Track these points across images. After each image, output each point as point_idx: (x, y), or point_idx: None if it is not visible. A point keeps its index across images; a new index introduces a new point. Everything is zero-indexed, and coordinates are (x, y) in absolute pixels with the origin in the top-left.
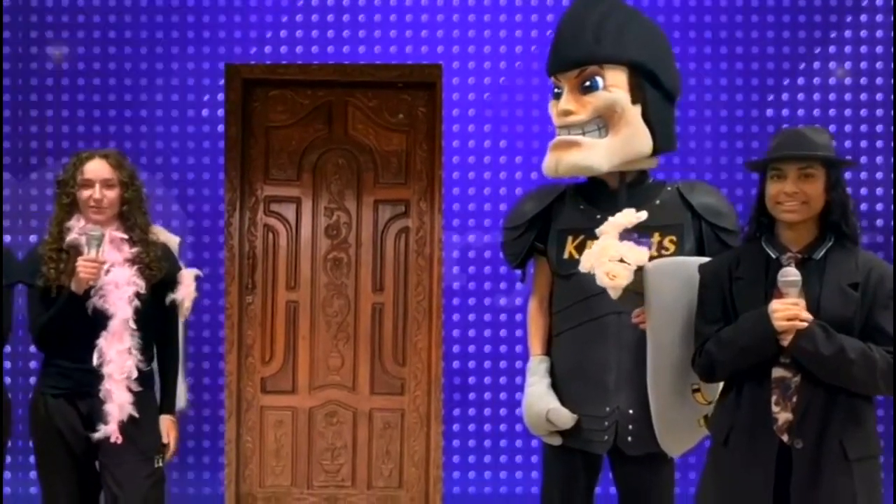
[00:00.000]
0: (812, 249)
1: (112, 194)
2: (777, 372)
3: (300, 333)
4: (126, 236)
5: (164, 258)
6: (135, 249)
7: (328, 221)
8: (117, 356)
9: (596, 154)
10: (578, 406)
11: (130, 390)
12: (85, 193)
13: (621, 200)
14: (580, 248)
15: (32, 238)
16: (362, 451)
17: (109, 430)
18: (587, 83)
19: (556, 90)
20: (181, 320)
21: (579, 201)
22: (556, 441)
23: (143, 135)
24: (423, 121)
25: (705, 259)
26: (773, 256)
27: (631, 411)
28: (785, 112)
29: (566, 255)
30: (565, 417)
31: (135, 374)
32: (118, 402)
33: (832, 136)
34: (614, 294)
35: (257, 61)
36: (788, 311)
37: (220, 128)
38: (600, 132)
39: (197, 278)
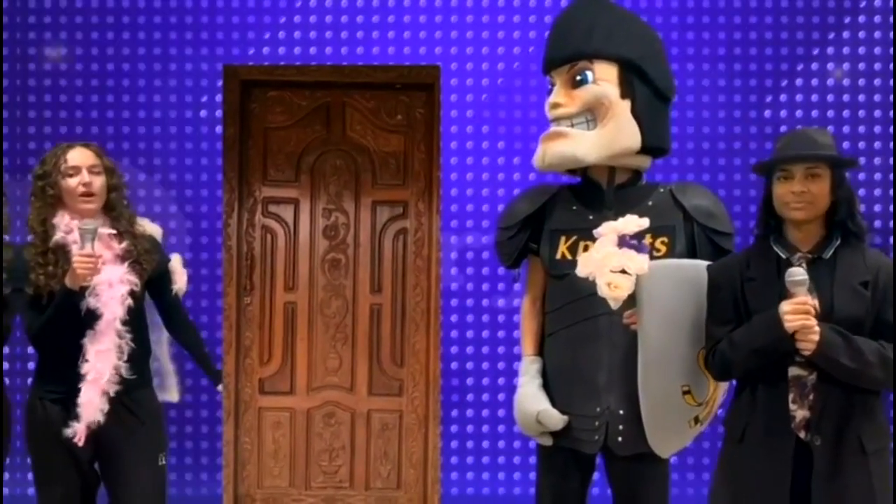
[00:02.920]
0: (821, 249)
1: (100, 181)
2: (793, 371)
3: (298, 334)
4: (114, 231)
5: (153, 251)
6: (124, 244)
7: (326, 222)
8: (95, 357)
9: (582, 145)
10: (569, 406)
11: (106, 393)
12: (72, 181)
13: (610, 200)
14: (573, 249)
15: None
16: (360, 452)
17: (76, 429)
18: (577, 77)
19: (550, 85)
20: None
21: (572, 202)
22: (548, 441)
23: (142, 136)
24: (421, 122)
25: (698, 262)
26: (784, 257)
27: (621, 411)
28: (783, 113)
29: (559, 256)
30: (555, 418)
31: (111, 377)
32: (88, 402)
33: (834, 137)
34: (615, 304)
35: (255, 62)
36: (798, 311)
37: (219, 129)
38: (588, 125)
39: (184, 263)
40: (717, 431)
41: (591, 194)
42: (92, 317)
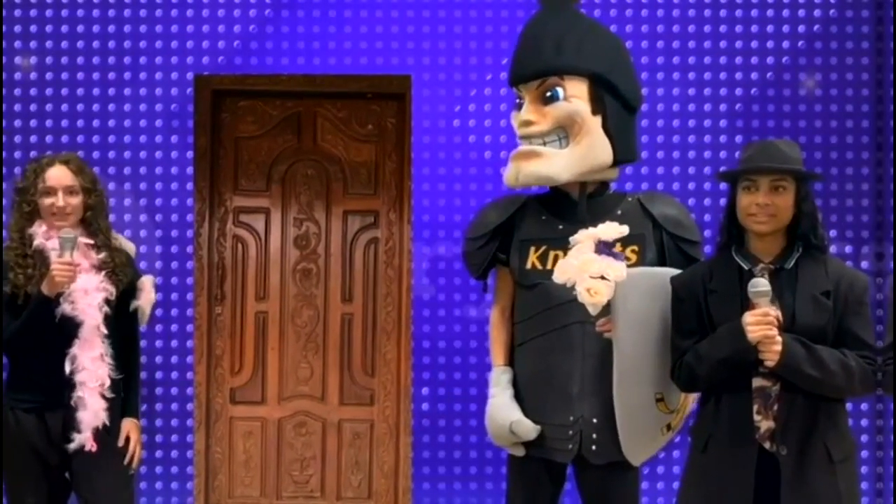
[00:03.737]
0: (783, 259)
1: (75, 201)
2: (757, 381)
3: (269, 344)
4: (92, 241)
5: (128, 264)
6: (101, 255)
7: (297, 232)
8: (91, 363)
9: (556, 164)
10: (542, 416)
11: (104, 397)
12: (47, 201)
13: (582, 211)
14: (543, 259)
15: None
16: (332, 461)
17: (84, 438)
18: (548, 94)
19: (517, 100)
20: (141, 327)
21: (541, 212)
22: (520, 452)
23: (112, 145)
24: (392, 132)
25: (670, 270)
26: (746, 267)
27: (595, 420)
28: (755, 123)
29: (529, 266)
30: (528, 428)
31: (108, 382)
32: (92, 409)
33: (802, 149)
34: (594, 310)
35: (226, 72)
36: (760, 322)
37: (190, 138)
38: (561, 143)
39: (155, 285)
40: (687, 440)
41: (560, 205)
42: (68, 324)
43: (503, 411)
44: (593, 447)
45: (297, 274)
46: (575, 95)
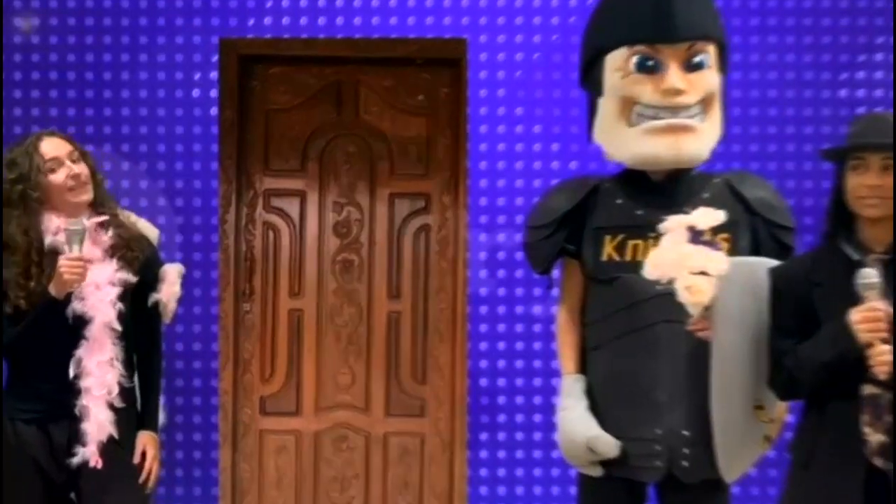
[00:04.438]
0: None
1: (84, 168)
2: (867, 389)
3: (305, 347)
4: (102, 219)
5: (142, 239)
6: (110, 234)
7: (337, 218)
8: (97, 368)
9: (705, 143)
10: (624, 430)
11: (112, 407)
12: (58, 176)
13: (666, 194)
14: (620, 249)
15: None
16: (376, 481)
17: (88, 452)
18: (696, 59)
19: (648, 62)
20: (164, 323)
21: (616, 195)
22: (597, 472)
23: (126, 119)
24: (445, 103)
25: (768, 261)
26: (855, 258)
27: (686, 432)
28: (860, 93)
29: (605, 257)
30: (609, 445)
31: (116, 390)
32: (97, 420)
33: None
34: (695, 311)
35: (256, 35)
36: (868, 319)
37: (214, 111)
38: (700, 117)
39: (181, 275)
40: (783, 457)
41: (637, 187)
42: (80, 324)
43: (579, 426)
44: (684, 463)
45: (337, 266)
46: (712, 65)
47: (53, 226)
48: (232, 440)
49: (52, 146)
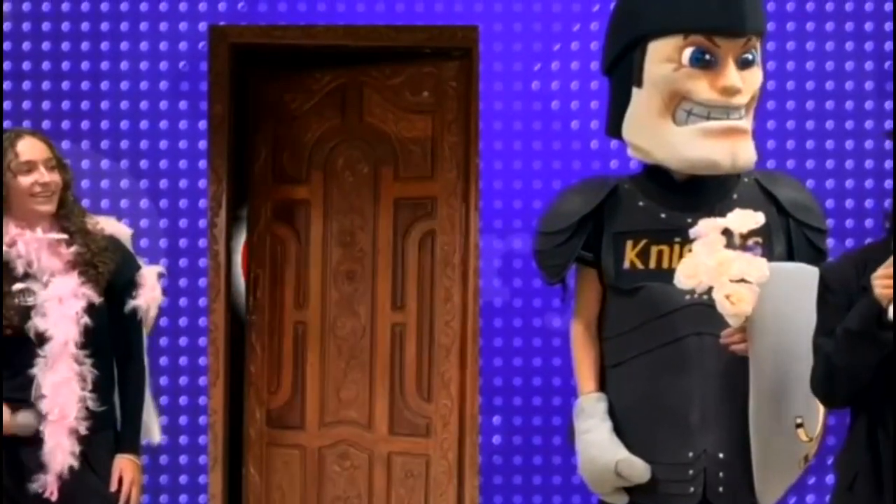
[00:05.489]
0: None
1: (56, 177)
2: None
3: (308, 360)
4: (62, 236)
5: (111, 249)
6: (73, 248)
7: (339, 226)
8: (54, 390)
9: (753, 147)
10: (653, 454)
11: (74, 432)
12: (27, 180)
13: (692, 194)
14: (644, 256)
15: None
16: (379, 502)
17: (46, 481)
18: (748, 56)
19: (705, 56)
20: (145, 332)
21: (637, 197)
22: (623, 500)
23: (106, 113)
24: (453, 98)
25: (807, 267)
26: None
27: (721, 455)
28: None
29: (627, 265)
30: (640, 469)
31: (74, 413)
32: (53, 447)
33: None
34: (735, 322)
35: (249, 22)
36: (887, 275)
37: (203, 105)
38: (746, 118)
39: (160, 277)
40: (824, 482)
41: (661, 187)
42: (42, 341)
43: (605, 449)
44: (720, 489)
45: (340, 276)
46: (759, 61)
47: (8, 236)
48: (223, 464)
49: (30, 148)
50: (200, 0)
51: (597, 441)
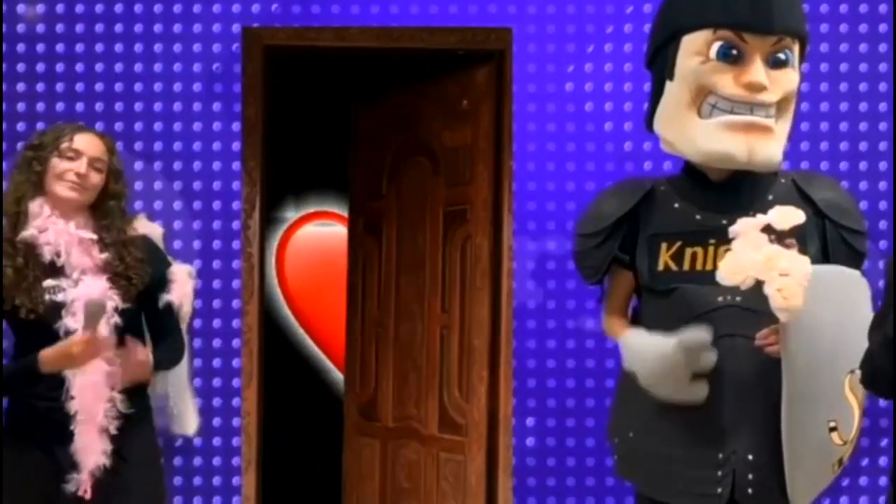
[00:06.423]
0: None
1: (98, 179)
2: None
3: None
4: (92, 236)
5: (145, 259)
6: (105, 255)
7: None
8: (81, 391)
9: (780, 147)
10: (682, 455)
11: (106, 431)
12: (65, 164)
13: (728, 195)
14: (678, 258)
15: None
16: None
17: (80, 481)
18: (781, 56)
19: (732, 50)
20: (182, 327)
21: (673, 199)
22: (704, 391)
23: (139, 114)
24: (485, 100)
25: (845, 269)
26: None
27: (751, 457)
28: None
29: (661, 267)
30: (701, 332)
31: (108, 412)
32: (83, 446)
33: None
34: (786, 317)
35: (283, 23)
36: None
37: (236, 107)
38: (776, 119)
39: (192, 276)
40: (858, 483)
41: (697, 189)
42: None
43: (656, 339)
44: (749, 490)
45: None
46: (795, 65)
47: (41, 216)
48: (256, 465)
49: (85, 141)
50: (234, 2)
51: (650, 340)
